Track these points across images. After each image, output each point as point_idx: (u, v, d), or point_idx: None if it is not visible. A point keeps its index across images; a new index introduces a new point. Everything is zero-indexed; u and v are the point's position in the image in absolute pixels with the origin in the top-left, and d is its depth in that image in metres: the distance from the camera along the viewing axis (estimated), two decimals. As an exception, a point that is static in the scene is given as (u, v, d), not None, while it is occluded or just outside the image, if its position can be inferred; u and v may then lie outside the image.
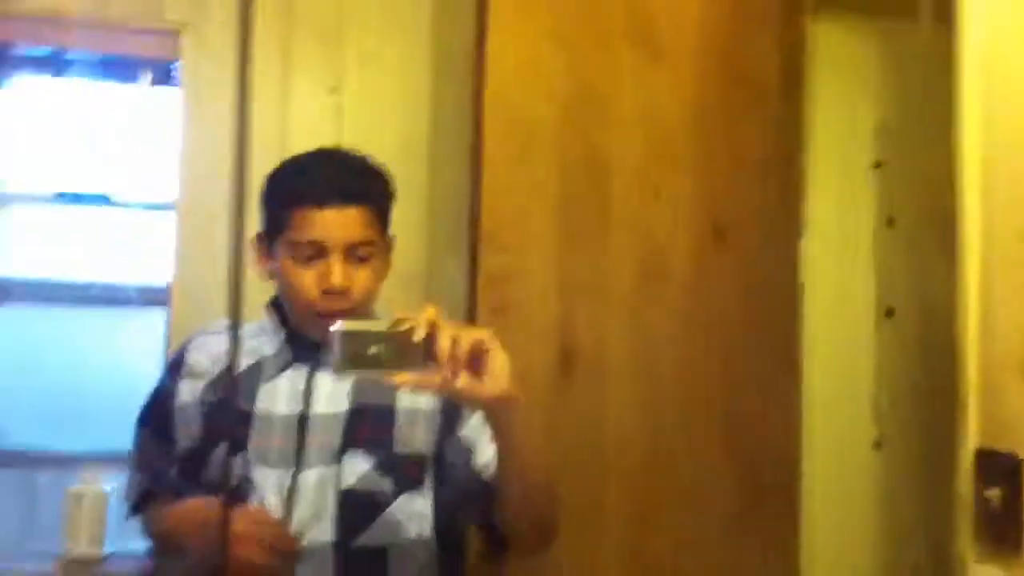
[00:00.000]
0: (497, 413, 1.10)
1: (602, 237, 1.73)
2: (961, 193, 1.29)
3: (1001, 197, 1.24)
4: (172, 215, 1.78)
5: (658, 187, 1.74)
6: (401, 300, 1.70)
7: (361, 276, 1.26)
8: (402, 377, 1.03)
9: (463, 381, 1.03)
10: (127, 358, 1.85)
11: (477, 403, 1.10)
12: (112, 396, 1.81)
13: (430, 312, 1.04)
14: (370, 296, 1.29)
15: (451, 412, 1.27)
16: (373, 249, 1.27)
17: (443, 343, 1.02)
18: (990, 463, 1.09)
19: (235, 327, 0.78)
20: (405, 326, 1.03)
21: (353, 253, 1.25)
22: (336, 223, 1.24)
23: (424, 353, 1.02)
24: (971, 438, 1.14)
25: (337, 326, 1.03)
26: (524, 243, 1.71)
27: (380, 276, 1.31)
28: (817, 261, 1.76)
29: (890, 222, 1.81)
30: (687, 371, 1.73)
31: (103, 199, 1.85)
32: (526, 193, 1.71)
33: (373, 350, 1.02)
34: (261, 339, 1.33)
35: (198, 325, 1.47)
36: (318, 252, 1.24)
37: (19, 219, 1.85)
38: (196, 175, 1.76)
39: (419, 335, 1.02)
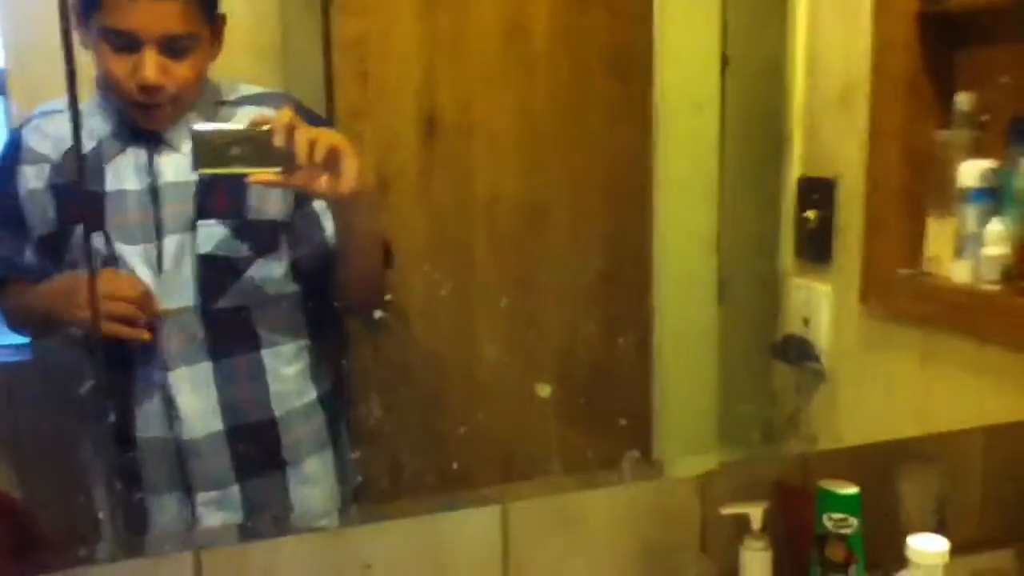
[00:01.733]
0: (347, 207, 1.22)
1: (460, -4, 1.71)
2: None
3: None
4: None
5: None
6: (257, 75, 1.69)
7: (179, 69, 1.24)
8: (261, 176, 1.12)
9: (318, 180, 1.13)
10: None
11: (330, 199, 1.22)
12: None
13: (287, 114, 1.11)
14: (191, 86, 1.27)
15: None
16: (194, 41, 1.25)
17: (301, 145, 1.10)
18: (810, 187, 1.23)
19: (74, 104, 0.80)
20: (264, 128, 1.08)
21: (170, 46, 1.22)
22: (150, 15, 1.19)
23: (281, 153, 1.08)
24: (795, 167, 1.27)
25: (197, 127, 1.11)
26: (381, 6, 1.68)
27: (205, 62, 1.29)
28: (667, 14, 1.80)
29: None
30: (552, 127, 1.80)
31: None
32: (379, -47, 1.66)
33: (233, 151, 1.09)
34: (97, 118, 1.31)
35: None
36: (131, 43, 1.20)
37: None
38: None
39: (278, 139, 1.07)
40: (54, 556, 1.30)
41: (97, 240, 1.30)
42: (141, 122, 1.28)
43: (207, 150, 1.09)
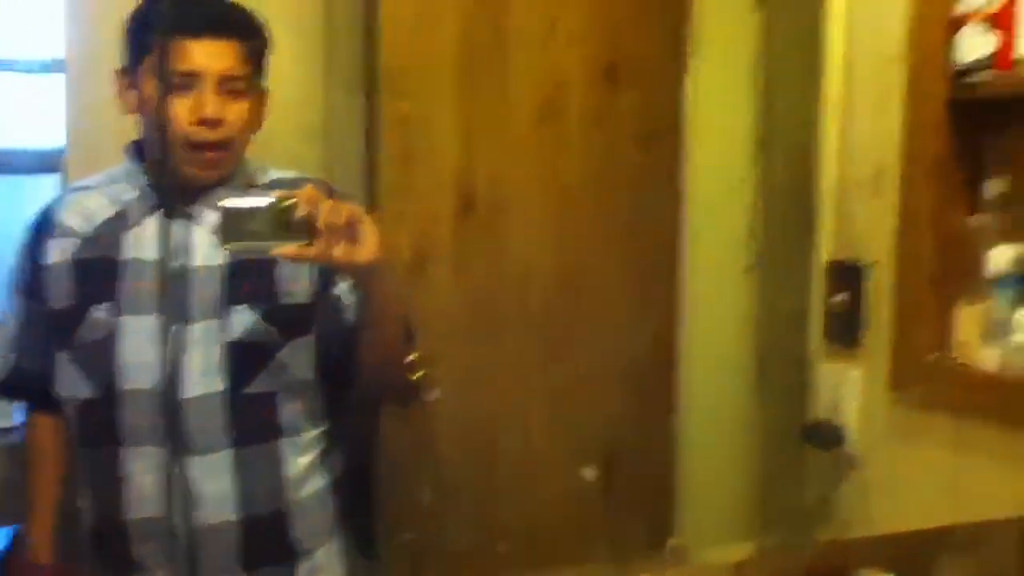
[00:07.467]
0: (367, 278, 1.19)
1: (500, 78, 1.77)
2: (825, 22, 1.38)
3: (862, 26, 1.33)
4: (61, 75, 1.74)
5: (555, 23, 1.77)
6: (302, 156, 1.74)
7: (235, 109, 1.28)
8: (284, 249, 1.11)
9: (339, 250, 1.11)
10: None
11: (351, 269, 1.19)
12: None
13: (310, 189, 1.11)
14: (242, 132, 1.30)
15: (326, 269, 1.31)
16: (246, 85, 1.29)
17: (322, 216, 1.10)
18: (839, 271, 1.23)
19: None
20: (287, 202, 1.10)
21: (226, 86, 1.27)
22: (211, 54, 1.25)
23: (303, 226, 1.10)
24: (823, 251, 1.27)
25: (224, 202, 1.10)
26: (424, 88, 1.73)
27: (252, 117, 1.32)
28: (699, 97, 1.84)
29: (767, 58, 1.89)
30: (583, 207, 1.83)
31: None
32: (425, 38, 1.72)
33: (257, 225, 1.09)
34: (122, 185, 1.34)
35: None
36: (190, 82, 1.25)
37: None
38: (83, 30, 1.72)
39: (301, 211, 1.09)
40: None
41: (104, 311, 1.26)
42: (190, 165, 1.26)
43: (233, 225, 1.08)
